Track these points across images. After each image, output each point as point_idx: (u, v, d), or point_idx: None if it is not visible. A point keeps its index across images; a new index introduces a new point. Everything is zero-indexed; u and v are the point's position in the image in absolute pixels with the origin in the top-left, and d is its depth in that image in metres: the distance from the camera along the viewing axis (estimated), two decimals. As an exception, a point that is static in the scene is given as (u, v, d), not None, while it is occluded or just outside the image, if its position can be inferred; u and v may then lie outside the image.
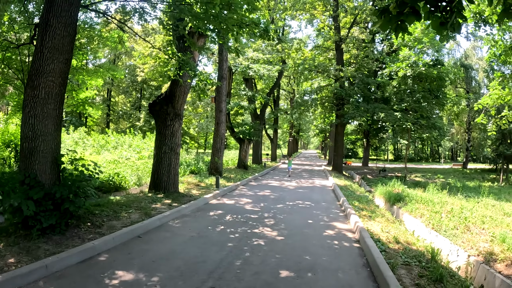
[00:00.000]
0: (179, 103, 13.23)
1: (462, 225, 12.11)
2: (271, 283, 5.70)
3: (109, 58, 57.61)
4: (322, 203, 14.11)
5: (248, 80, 33.21)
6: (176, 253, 6.88)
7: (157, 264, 6.25)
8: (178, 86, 12.98)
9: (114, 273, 5.77)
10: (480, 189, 27.89)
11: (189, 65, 11.73)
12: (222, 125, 21.42)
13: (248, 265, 6.38)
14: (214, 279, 5.70)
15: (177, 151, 13.34)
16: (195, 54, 13.59)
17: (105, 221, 8.31)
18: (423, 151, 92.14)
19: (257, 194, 15.74)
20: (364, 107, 30.81)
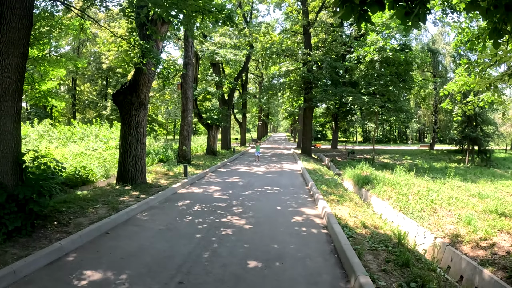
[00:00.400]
0: (144, 92, 12.97)
1: (428, 207, 12.44)
2: (239, 274, 5.73)
3: (73, 45, 55.75)
4: (291, 188, 14.25)
5: (216, 65, 32.88)
6: (144, 248, 6.81)
7: (126, 261, 6.16)
8: (142, 75, 12.71)
9: (82, 273, 5.65)
10: (446, 170, 28.69)
11: (152, 52, 11.47)
12: (189, 112, 21.17)
13: (216, 257, 6.40)
14: (182, 274, 5.69)
15: (143, 141, 13.14)
16: (159, 41, 13.31)
17: (72, 219, 8.10)
18: (391, 133, 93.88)
19: (226, 181, 15.75)
20: (332, 91, 31.08)
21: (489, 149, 41.21)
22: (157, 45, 13.11)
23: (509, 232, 9.85)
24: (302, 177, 17.87)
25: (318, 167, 23.01)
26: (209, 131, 27.31)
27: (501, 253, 8.51)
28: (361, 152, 43.42)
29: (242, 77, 47.08)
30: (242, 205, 10.68)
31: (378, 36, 27.31)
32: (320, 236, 7.87)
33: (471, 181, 23.64)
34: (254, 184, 15.00)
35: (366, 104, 28.81)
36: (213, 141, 27.11)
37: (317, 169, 21.84)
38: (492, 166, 36.65)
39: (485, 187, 20.53)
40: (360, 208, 11.60)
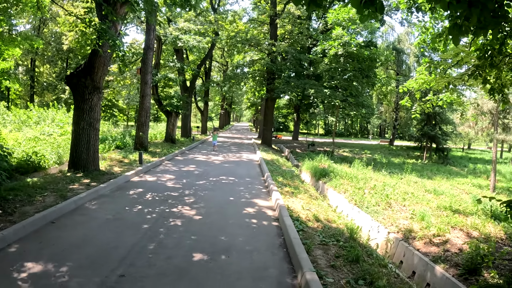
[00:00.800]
0: (99, 75, 12.54)
1: (384, 202, 12.68)
2: (183, 268, 5.64)
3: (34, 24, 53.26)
4: (246, 178, 14.24)
5: (179, 51, 32.32)
6: (89, 239, 6.60)
7: (68, 253, 5.95)
8: (97, 57, 12.27)
9: (23, 265, 5.42)
10: (404, 165, 29.49)
11: (108, 34, 11.09)
12: (147, 97, 20.74)
13: (161, 249, 6.29)
14: (125, 266, 5.54)
15: (96, 127, 12.76)
16: (117, 22, 12.87)
17: (18, 207, 7.75)
18: (353, 127, 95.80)
19: (181, 170, 15.56)
20: (295, 83, 31.24)
21: (446, 147, 42.63)
22: (115, 27, 12.67)
23: (462, 229, 10.13)
24: (259, 167, 17.91)
25: (277, 158, 23.15)
26: (169, 118, 26.91)
27: (453, 250, 8.72)
28: (321, 145, 44.02)
29: (206, 65, 46.63)
30: (195, 195, 10.58)
31: (344, 31, 27.53)
32: (270, 229, 7.87)
33: (428, 178, 24.41)
34: (210, 173, 14.89)
35: (328, 97, 29.13)
36: (172, 129, 26.74)
37: (276, 160, 21.96)
38: (449, 163, 38.04)
39: (440, 184, 21.23)
40: (315, 201, 11.69)
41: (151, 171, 14.91)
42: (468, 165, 37.76)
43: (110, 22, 11.73)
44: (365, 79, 29.91)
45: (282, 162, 22.33)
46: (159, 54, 28.69)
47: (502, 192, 23.51)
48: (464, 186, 22.57)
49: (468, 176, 29.83)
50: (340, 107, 30.28)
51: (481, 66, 6.93)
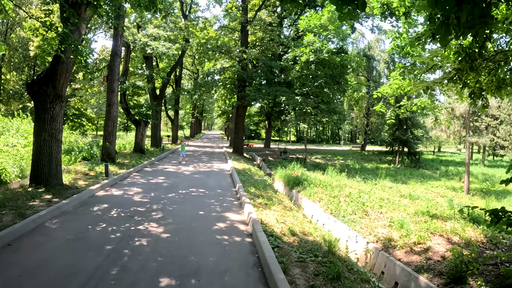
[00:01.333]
0: (61, 82, 11.90)
1: (360, 210, 12.51)
2: (148, 295, 5.21)
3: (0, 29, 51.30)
4: (217, 190, 13.81)
5: (148, 58, 31.69)
6: (47, 263, 6.09)
7: (23, 280, 5.46)
8: (60, 63, 11.64)
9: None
10: (377, 171, 29.70)
11: (70, 38, 10.53)
12: (114, 106, 20.05)
13: (125, 273, 5.83)
14: (84, 294, 5.08)
15: (58, 138, 12.10)
16: (82, 26, 12.29)
17: (-28, 228, 7.17)
18: (324, 133, 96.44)
19: (150, 182, 15.00)
20: (265, 90, 31.03)
21: (418, 151, 43.41)
22: (79, 31, 12.11)
23: (442, 235, 10.06)
24: (231, 177, 17.49)
25: (249, 167, 22.80)
26: (137, 128, 26.20)
27: (436, 258, 8.59)
28: (293, 152, 43.97)
29: (176, 72, 46.12)
30: (163, 210, 10.11)
31: (315, 37, 27.47)
32: (243, 246, 7.50)
33: (402, 182, 24.54)
34: (179, 185, 14.40)
35: (299, 104, 28.99)
36: (141, 138, 26.04)
37: (247, 169, 21.62)
38: (421, 167, 38.67)
39: (415, 188, 21.39)
40: (289, 212, 11.38)
41: (117, 184, 14.30)
42: (440, 168, 38.47)
43: (72, 25, 11.17)
44: (337, 85, 29.97)
45: (254, 171, 22.02)
46: (128, 61, 27.99)
47: (476, 194, 23.87)
48: (439, 189, 22.82)
49: (441, 178, 30.28)
50: (311, 114, 30.18)
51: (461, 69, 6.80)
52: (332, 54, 27.65)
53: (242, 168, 21.49)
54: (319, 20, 27.63)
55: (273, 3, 36.04)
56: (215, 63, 38.83)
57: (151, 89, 32.35)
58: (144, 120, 25.92)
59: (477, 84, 7.28)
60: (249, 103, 32.90)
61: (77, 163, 18.40)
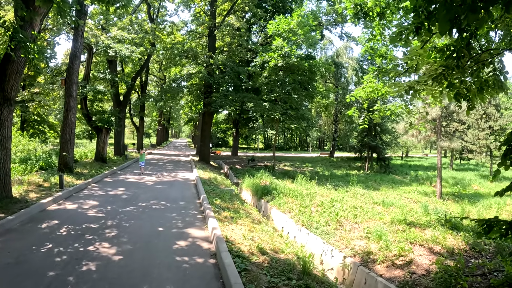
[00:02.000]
0: (10, 84, 10.73)
1: (334, 221, 11.90)
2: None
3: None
4: (180, 202, 12.85)
5: (112, 62, 30.34)
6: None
7: None
8: (10, 63, 10.55)
9: None
10: (348, 177, 29.41)
11: (19, 34, 9.47)
12: (72, 112, 18.77)
13: (63, 309, 4.92)
14: None
15: (6, 146, 10.92)
16: (35, 22, 11.16)
17: None
18: (292, 140, 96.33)
19: (108, 194, 13.92)
20: (232, 96, 30.32)
21: (387, 156, 43.50)
22: (32, 27, 11.05)
23: (422, 244, 9.71)
24: (196, 188, 16.56)
25: (215, 176, 21.95)
26: (99, 135, 24.93)
27: (420, 272, 8.08)
28: (261, 159, 43.35)
29: (142, 78, 44.87)
30: (118, 226, 9.14)
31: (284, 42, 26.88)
32: (206, 269, 6.62)
33: (373, 188, 24.25)
34: (140, 197, 13.39)
35: (267, 110, 28.40)
36: (103, 147, 24.77)
37: (213, 178, 20.77)
38: (391, 172, 38.66)
39: (387, 194, 21.12)
40: (258, 226, 10.54)
41: (73, 196, 13.19)
42: (410, 173, 38.63)
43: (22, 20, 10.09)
44: (305, 91, 29.54)
45: (221, 180, 21.19)
46: (90, 64, 26.59)
47: (449, 198, 23.79)
48: (411, 195, 22.66)
49: (412, 184, 30.23)
50: (280, 121, 29.62)
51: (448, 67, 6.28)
52: (301, 59, 27.21)
53: (208, 177, 20.63)
54: (288, 25, 27.18)
55: (241, 8, 35.45)
56: (182, 69, 37.95)
57: (115, 95, 31.07)
58: (106, 127, 24.70)
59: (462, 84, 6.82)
60: (215, 110, 32.01)
61: (33, 173, 17.10)
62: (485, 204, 20.38)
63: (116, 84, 28.94)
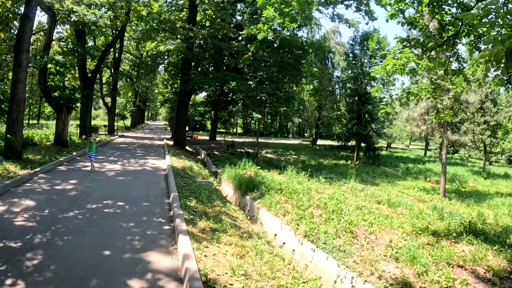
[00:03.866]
0: None
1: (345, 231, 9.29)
2: None
3: None
4: (143, 203, 9.93)
5: (81, 33, 26.82)
6: None
7: None
8: None
9: None
10: (337, 168, 27.02)
11: None
12: (21, 85, 15.40)
13: None
14: None
15: None
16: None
17: None
18: (273, 126, 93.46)
19: (54, 189, 10.89)
20: (213, 75, 27.16)
21: (378, 147, 41.26)
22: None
23: (461, 265, 7.57)
24: (166, 180, 13.67)
25: (190, 165, 19.04)
26: (58, 115, 21.60)
27: None
28: (241, 145, 40.68)
29: (115, 54, 41.35)
30: (48, 247, 6.25)
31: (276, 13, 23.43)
32: None
33: (371, 183, 21.77)
34: (92, 194, 10.44)
35: (252, 91, 25.27)
36: (63, 128, 21.48)
37: (189, 167, 17.87)
38: (381, 164, 36.24)
39: (387, 191, 18.85)
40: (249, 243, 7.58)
41: (8, 193, 10.11)
42: (399, 165, 36.34)
43: None
44: (295, 71, 26.53)
45: (197, 169, 18.32)
46: (51, 33, 22.93)
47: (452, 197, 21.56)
48: (411, 191, 20.34)
49: (406, 178, 27.84)
50: (267, 103, 26.56)
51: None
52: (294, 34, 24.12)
53: (182, 166, 17.74)
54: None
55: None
56: (158, 44, 34.67)
57: (82, 70, 27.77)
58: (67, 105, 21.46)
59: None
60: (193, 89, 28.44)
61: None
62: (492, 205, 18.38)
63: (81, 56, 25.37)
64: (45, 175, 13.21)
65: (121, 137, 37.35)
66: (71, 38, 27.92)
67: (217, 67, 29.75)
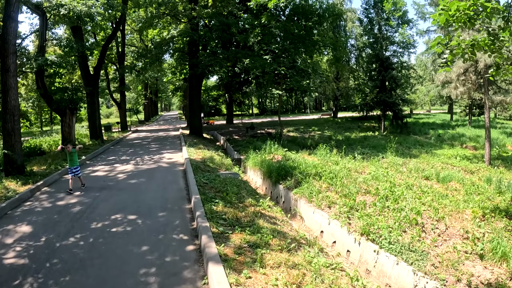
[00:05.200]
0: None
1: (409, 223, 7.48)
2: None
3: None
4: (160, 212, 8.18)
5: (77, 30, 24.98)
6: None
7: None
8: None
9: None
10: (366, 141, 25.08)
11: None
12: (12, 92, 13.74)
13: None
14: None
15: None
16: None
17: None
18: (289, 103, 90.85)
19: (56, 206, 9.24)
20: (223, 54, 25.04)
21: (406, 114, 38.76)
22: None
23: None
24: (185, 177, 11.94)
25: (211, 155, 17.21)
26: (62, 119, 20.04)
27: None
28: (260, 126, 38.74)
29: (119, 49, 39.62)
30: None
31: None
32: None
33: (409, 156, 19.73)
34: (98, 207, 8.78)
35: (269, 65, 23.10)
36: (69, 132, 19.90)
37: (209, 158, 16.03)
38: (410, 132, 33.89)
39: (430, 163, 16.89)
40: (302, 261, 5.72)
41: (4, 218, 8.45)
42: (429, 132, 33.94)
43: None
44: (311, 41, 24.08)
45: (218, 159, 16.50)
46: (44, 33, 21.08)
47: (499, 164, 19.44)
48: (453, 161, 18.34)
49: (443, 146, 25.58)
50: (286, 77, 24.23)
51: None
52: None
53: (201, 157, 15.98)
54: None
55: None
56: (160, 31, 32.64)
57: (83, 67, 26.03)
58: (70, 107, 19.84)
59: None
60: (203, 71, 26.13)
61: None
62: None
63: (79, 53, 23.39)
64: (49, 189, 11.62)
65: (134, 132, 35.83)
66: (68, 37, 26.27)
67: (226, 47, 27.60)
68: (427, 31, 47.63)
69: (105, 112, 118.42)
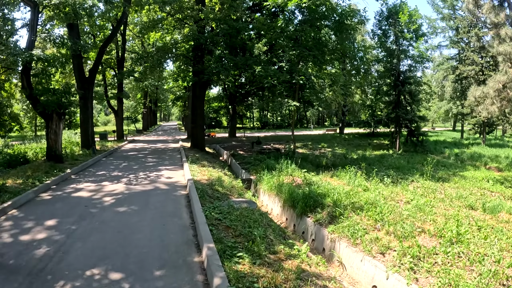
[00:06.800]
0: None
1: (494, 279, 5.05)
2: None
3: None
4: (156, 271, 5.50)
5: (73, 27, 22.74)
6: None
7: None
8: None
9: None
10: (384, 160, 22.80)
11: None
12: None
13: None
14: None
15: None
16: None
17: None
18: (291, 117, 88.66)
19: (17, 244, 6.57)
20: (231, 61, 22.56)
21: (423, 131, 36.24)
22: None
23: None
24: (189, 207, 9.31)
25: (218, 175, 14.58)
26: (48, 124, 17.49)
27: None
28: (265, 140, 36.30)
29: (118, 53, 37.46)
30: None
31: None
32: None
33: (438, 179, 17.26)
34: (71, 252, 6.14)
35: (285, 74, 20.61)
36: (55, 139, 17.29)
37: (216, 179, 13.42)
38: (428, 151, 31.32)
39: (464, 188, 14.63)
40: None
41: None
42: (444, 151, 31.42)
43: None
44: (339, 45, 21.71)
45: (228, 182, 13.87)
46: (35, 27, 18.51)
47: None
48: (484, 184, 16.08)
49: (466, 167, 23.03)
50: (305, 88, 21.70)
51: None
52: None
53: (207, 178, 13.42)
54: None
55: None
56: (163, 35, 30.42)
57: (78, 68, 23.75)
58: (57, 111, 17.30)
59: None
60: (209, 78, 23.39)
61: None
62: None
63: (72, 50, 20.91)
64: (17, 213, 8.99)
65: (131, 142, 33.31)
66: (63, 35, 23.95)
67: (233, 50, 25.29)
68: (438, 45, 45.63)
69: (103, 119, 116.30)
